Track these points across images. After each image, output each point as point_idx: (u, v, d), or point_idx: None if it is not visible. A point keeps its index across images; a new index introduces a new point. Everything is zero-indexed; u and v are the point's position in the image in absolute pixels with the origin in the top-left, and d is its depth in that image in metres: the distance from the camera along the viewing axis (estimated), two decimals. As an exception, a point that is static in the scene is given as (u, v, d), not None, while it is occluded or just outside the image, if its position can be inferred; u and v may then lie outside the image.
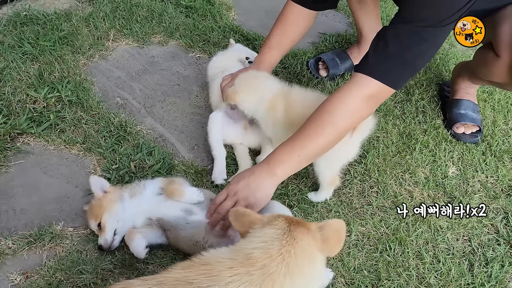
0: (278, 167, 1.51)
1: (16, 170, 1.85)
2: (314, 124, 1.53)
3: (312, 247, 1.17)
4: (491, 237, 1.77)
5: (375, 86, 1.51)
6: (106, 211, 1.57)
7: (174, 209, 1.58)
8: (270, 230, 1.16)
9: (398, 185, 1.92)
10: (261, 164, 1.55)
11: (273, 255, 1.09)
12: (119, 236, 1.60)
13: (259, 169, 1.53)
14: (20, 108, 2.02)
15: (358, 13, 2.32)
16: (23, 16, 2.51)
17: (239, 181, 1.51)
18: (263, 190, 1.50)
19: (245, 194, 1.48)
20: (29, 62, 2.25)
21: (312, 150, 1.53)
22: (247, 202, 1.48)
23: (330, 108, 1.53)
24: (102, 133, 1.99)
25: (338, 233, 1.21)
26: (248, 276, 1.05)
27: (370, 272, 1.61)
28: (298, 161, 1.53)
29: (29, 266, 1.55)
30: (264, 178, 1.50)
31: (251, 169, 1.57)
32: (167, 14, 2.70)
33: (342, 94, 1.53)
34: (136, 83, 2.31)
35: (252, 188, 1.49)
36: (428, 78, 2.47)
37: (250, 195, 1.48)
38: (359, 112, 1.55)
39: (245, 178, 1.51)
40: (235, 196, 1.49)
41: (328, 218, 1.77)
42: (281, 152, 1.53)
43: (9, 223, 1.67)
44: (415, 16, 1.47)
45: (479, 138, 2.14)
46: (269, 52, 2.00)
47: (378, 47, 1.53)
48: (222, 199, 1.51)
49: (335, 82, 2.37)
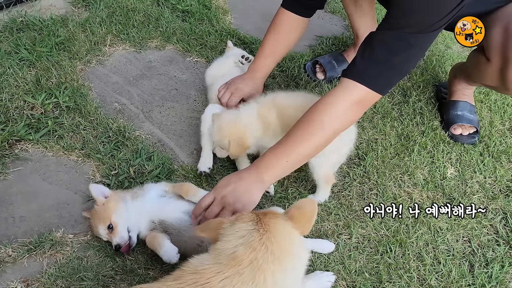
0: (266, 172, 1.51)
1: (15, 177, 1.84)
2: (302, 129, 1.53)
3: (286, 227, 1.19)
4: (491, 238, 1.78)
5: (362, 92, 1.51)
6: (113, 211, 1.57)
7: (177, 211, 1.59)
8: (242, 224, 1.17)
9: (397, 187, 1.93)
10: (249, 169, 1.54)
11: (257, 247, 1.10)
12: (134, 233, 1.59)
13: (247, 174, 1.52)
14: (17, 114, 2.01)
15: (354, 16, 2.33)
16: (19, 22, 2.51)
17: (227, 186, 1.49)
18: (250, 195, 1.49)
19: (232, 199, 1.47)
20: (26, 68, 2.25)
21: (300, 155, 1.53)
22: (234, 207, 1.46)
23: (318, 113, 1.53)
24: (100, 138, 1.99)
25: (303, 210, 1.22)
26: (238, 276, 1.06)
27: (371, 275, 1.61)
28: (286, 166, 1.53)
29: (29, 273, 1.54)
30: (251, 184, 1.49)
31: (239, 173, 1.55)
32: (163, 19, 2.70)
33: (330, 100, 1.54)
34: (134, 88, 2.30)
35: (239, 193, 1.47)
36: (424, 79, 2.48)
37: (237, 201, 1.47)
38: (347, 116, 1.55)
39: (231, 184, 1.49)
40: (222, 200, 1.48)
41: (328, 220, 1.78)
42: (269, 157, 1.53)
43: (9, 230, 1.66)
44: (402, 22, 1.47)
45: (476, 139, 2.16)
46: (264, 59, 2.01)
47: (365, 53, 1.53)
48: (209, 202, 1.49)
49: (332, 85, 2.38)
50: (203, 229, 1.24)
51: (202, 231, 1.24)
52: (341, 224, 1.77)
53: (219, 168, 1.95)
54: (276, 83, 2.36)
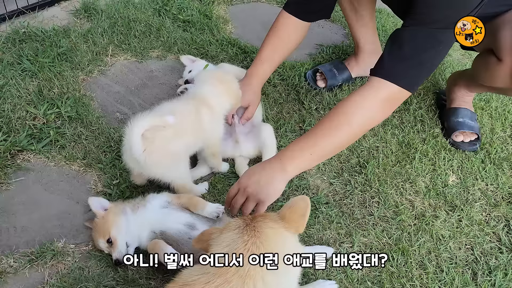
0: (289, 163, 1.53)
1: (17, 187, 1.84)
2: (329, 124, 1.54)
3: (277, 229, 1.18)
4: (493, 245, 1.77)
5: (391, 90, 1.52)
6: (112, 225, 1.57)
7: (178, 223, 1.58)
8: (228, 233, 1.18)
9: (399, 194, 1.92)
10: (273, 159, 1.57)
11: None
12: (132, 248, 1.59)
13: (270, 165, 1.55)
14: (20, 125, 2.02)
15: (355, 26, 2.34)
16: (21, 33, 2.53)
17: (250, 176, 1.54)
18: (273, 186, 1.52)
19: (255, 190, 1.51)
20: (29, 78, 2.26)
21: (325, 150, 1.55)
22: (257, 198, 1.51)
23: (346, 110, 1.54)
24: (102, 148, 2.00)
25: (295, 208, 1.21)
26: (227, 284, 1.06)
27: (373, 283, 1.60)
28: (310, 158, 1.55)
29: (31, 284, 1.54)
30: (274, 174, 1.52)
31: (262, 164, 1.59)
32: (165, 29, 2.72)
33: (358, 97, 1.55)
34: (136, 98, 2.31)
35: (262, 184, 1.51)
36: (425, 87, 2.49)
37: (260, 192, 1.51)
38: (375, 115, 1.56)
39: (255, 174, 1.53)
40: (246, 191, 1.52)
41: (330, 229, 1.78)
42: (293, 149, 1.55)
43: (10, 240, 1.66)
44: (428, 18, 1.48)
45: (478, 146, 2.15)
46: (261, 64, 2.00)
47: (392, 50, 1.54)
48: (234, 193, 1.55)
49: (333, 93, 2.39)
50: (197, 241, 1.25)
51: (197, 243, 1.25)
52: (343, 233, 1.77)
53: (221, 177, 1.95)
54: (277, 92, 2.37)
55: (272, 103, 2.31)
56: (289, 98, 2.35)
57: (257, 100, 2.03)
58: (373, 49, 2.42)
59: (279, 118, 2.23)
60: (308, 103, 2.31)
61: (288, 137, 2.13)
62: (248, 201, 1.52)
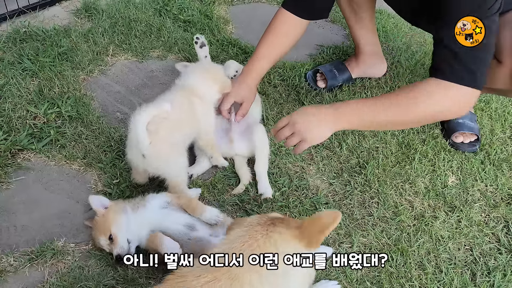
0: (343, 116, 1.59)
1: (17, 186, 1.85)
2: (394, 99, 1.58)
3: (285, 236, 1.14)
4: (493, 246, 1.77)
5: (464, 92, 1.54)
6: (113, 223, 1.57)
7: (177, 223, 1.58)
8: (238, 229, 1.18)
9: (399, 195, 1.93)
10: (329, 107, 1.62)
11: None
12: (134, 244, 1.59)
13: (324, 111, 1.61)
14: (20, 124, 2.03)
15: (355, 28, 2.35)
16: (22, 32, 2.53)
17: (302, 115, 1.62)
18: (321, 131, 1.60)
19: (302, 128, 1.59)
20: (29, 78, 2.27)
21: (379, 119, 1.58)
22: (302, 136, 1.60)
23: (416, 95, 1.56)
24: (102, 148, 2.00)
25: (316, 221, 1.14)
26: (216, 282, 1.07)
27: (372, 284, 1.61)
28: (364, 122, 1.60)
29: (31, 283, 1.54)
30: (325, 120, 1.59)
31: (318, 107, 1.65)
32: (165, 29, 2.72)
33: (430, 90, 1.55)
34: (136, 98, 2.32)
35: (311, 125, 1.59)
36: (425, 88, 2.49)
37: (306, 131, 1.59)
38: (441, 111, 1.58)
39: (308, 114, 1.61)
40: (294, 126, 1.61)
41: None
42: (350, 107, 1.61)
43: (10, 239, 1.67)
44: (458, 13, 1.51)
45: (477, 147, 2.16)
46: (258, 62, 1.99)
47: (445, 55, 1.55)
48: (283, 124, 1.65)
49: (333, 94, 2.39)
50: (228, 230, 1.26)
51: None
52: (342, 233, 1.77)
53: (221, 177, 1.96)
54: (277, 92, 2.38)
55: (273, 103, 2.31)
56: (290, 98, 2.36)
57: (252, 96, 2.03)
58: (373, 50, 2.43)
59: (280, 119, 2.22)
60: (308, 103, 2.31)
61: (288, 138, 2.13)
62: (293, 136, 1.62)
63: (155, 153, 1.66)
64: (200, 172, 1.95)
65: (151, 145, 1.64)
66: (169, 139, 1.71)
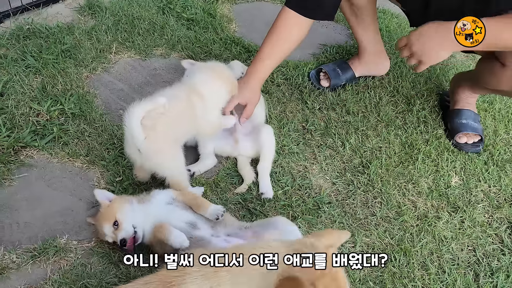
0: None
1: (20, 183, 1.84)
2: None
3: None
4: (496, 247, 1.77)
5: None
6: (118, 210, 1.56)
7: (180, 221, 1.58)
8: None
9: (402, 195, 1.92)
10: (448, 25, 1.64)
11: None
12: (140, 229, 1.57)
13: (443, 31, 1.65)
14: (23, 121, 2.03)
15: (356, 29, 2.34)
16: (26, 29, 2.53)
17: (420, 36, 1.69)
18: (438, 52, 1.68)
19: (420, 50, 1.69)
20: (32, 75, 2.26)
21: (503, 39, 1.62)
22: (419, 58, 1.71)
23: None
24: (105, 145, 2.00)
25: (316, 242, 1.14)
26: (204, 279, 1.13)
27: (375, 284, 1.60)
28: (484, 41, 1.61)
29: (33, 280, 1.54)
30: (443, 42, 1.66)
31: (436, 27, 1.69)
32: (168, 27, 2.72)
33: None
34: (139, 95, 2.31)
35: (428, 47, 1.67)
36: (428, 88, 2.49)
37: (424, 54, 1.69)
38: None
39: (425, 35, 1.68)
40: (412, 48, 1.71)
41: (332, 228, 1.77)
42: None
43: (13, 236, 1.67)
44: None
45: (481, 148, 2.15)
46: (261, 63, 1.97)
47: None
48: (403, 44, 1.77)
49: (336, 93, 2.39)
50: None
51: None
52: (345, 233, 1.77)
53: (224, 175, 1.95)
54: (280, 91, 2.37)
55: (276, 102, 2.31)
56: (293, 97, 2.35)
57: (256, 98, 2.00)
58: (376, 49, 2.42)
59: (282, 118, 2.23)
60: (311, 102, 2.31)
61: (291, 137, 2.13)
62: (411, 57, 1.74)
63: (150, 148, 1.65)
64: (202, 170, 1.95)
65: (147, 140, 1.63)
66: (166, 135, 1.69)
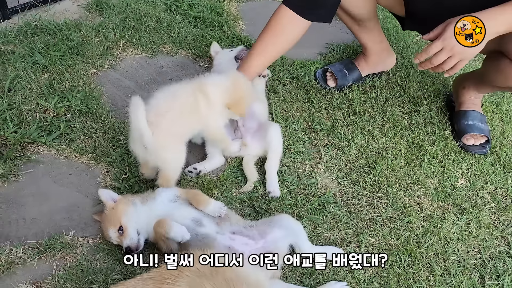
0: (492, 28, 1.60)
1: (27, 179, 1.85)
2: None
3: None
4: (502, 249, 1.76)
5: None
6: (123, 214, 1.57)
7: (185, 218, 1.58)
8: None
9: (408, 196, 1.92)
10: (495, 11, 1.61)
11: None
12: (142, 236, 1.60)
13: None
14: (30, 117, 2.04)
15: (358, 33, 2.32)
16: (33, 26, 2.54)
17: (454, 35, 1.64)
18: (476, 46, 1.63)
19: (461, 48, 1.63)
20: (40, 71, 2.27)
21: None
22: (462, 56, 1.65)
23: None
24: (111, 142, 2.00)
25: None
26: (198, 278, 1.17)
27: (380, 284, 1.60)
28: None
29: (39, 275, 1.55)
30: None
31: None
32: (175, 25, 2.72)
33: None
34: (145, 93, 2.31)
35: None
36: (435, 89, 2.47)
37: (465, 51, 1.64)
38: None
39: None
40: (452, 50, 1.64)
41: (337, 228, 1.77)
42: (500, 13, 1.61)
43: (20, 232, 1.68)
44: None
45: (488, 149, 2.14)
46: (255, 58, 1.93)
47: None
48: (436, 50, 1.67)
49: (343, 93, 2.38)
50: None
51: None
52: (350, 233, 1.76)
53: (229, 174, 1.95)
54: (287, 90, 2.37)
55: (282, 101, 2.30)
56: (299, 96, 2.35)
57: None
58: (381, 47, 2.40)
59: (288, 117, 2.23)
60: (317, 102, 2.31)
61: (297, 136, 2.12)
62: (452, 58, 1.66)
63: (156, 143, 1.67)
64: (209, 168, 1.95)
65: (155, 136, 1.65)
66: (170, 129, 1.71)
